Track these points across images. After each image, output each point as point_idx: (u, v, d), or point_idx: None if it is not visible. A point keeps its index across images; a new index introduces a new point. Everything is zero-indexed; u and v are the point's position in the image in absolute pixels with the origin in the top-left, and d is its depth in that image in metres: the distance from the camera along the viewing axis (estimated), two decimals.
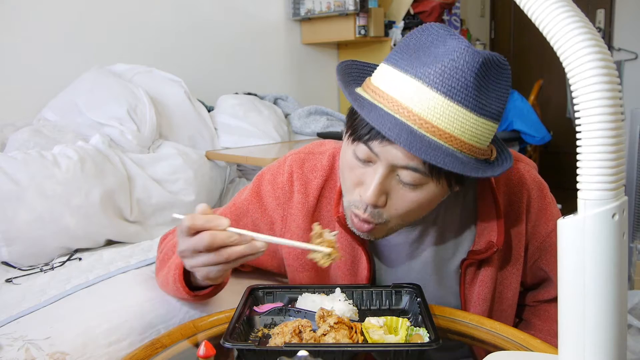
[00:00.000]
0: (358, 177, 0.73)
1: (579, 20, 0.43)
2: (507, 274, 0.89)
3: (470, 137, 0.68)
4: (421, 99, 0.66)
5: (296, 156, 0.92)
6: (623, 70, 3.82)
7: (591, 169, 0.44)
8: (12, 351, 0.81)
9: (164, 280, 0.88)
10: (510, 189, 0.87)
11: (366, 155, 0.71)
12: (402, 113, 0.67)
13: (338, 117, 2.35)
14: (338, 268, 0.90)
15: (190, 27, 2.55)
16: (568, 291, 0.47)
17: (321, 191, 0.89)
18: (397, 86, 0.68)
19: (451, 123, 0.66)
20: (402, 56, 0.70)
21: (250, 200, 0.93)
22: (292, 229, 0.90)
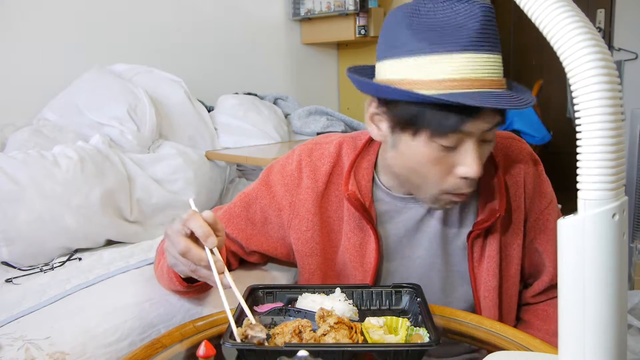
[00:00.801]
0: (449, 164, 0.77)
1: (579, 20, 0.43)
2: (510, 250, 0.92)
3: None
4: (481, 65, 0.71)
5: (304, 147, 0.96)
6: (623, 70, 3.81)
7: (591, 169, 0.44)
8: (12, 351, 0.81)
9: (160, 272, 0.89)
10: (509, 163, 0.91)
11: (457, 141, 0.75)
12: (478, 85, 0.71)
13: (338, 117, 2.34)
14: (346, 250, 0.91)
15: (190, 27, 2.55)
16: (568, 291, 0.47)
17: (329, 177, 0.92)
18: (458, 68, 0.70)
19: (499, 70, 0.74)
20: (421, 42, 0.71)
21: (259, 189, 0.96)
22: (302, 214, 0.92)
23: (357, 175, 0.90)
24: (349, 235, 0.90)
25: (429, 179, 0.79)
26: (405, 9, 0.74)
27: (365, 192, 0.90)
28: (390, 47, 0.75)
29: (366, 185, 0.90)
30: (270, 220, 0.95)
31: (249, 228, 0.96)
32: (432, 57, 0.71)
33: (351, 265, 0.91)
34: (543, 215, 0.93)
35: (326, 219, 0.92)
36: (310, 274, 0.94)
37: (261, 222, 0.96)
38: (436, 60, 0.71)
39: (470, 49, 0.70)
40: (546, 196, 0.93)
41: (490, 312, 0.90)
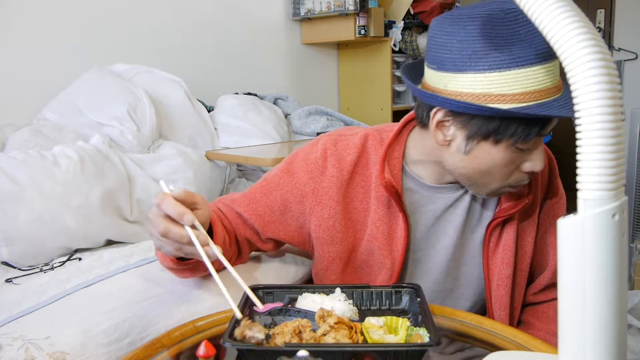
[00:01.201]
0: (514, 162, 0.81)
1: (579, 20, 0.43)
2: (524, 241, 0.95)
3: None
4: (552, 73, 0.75)
5: (329, 137, 0.97)
6: (623, 70, 3.81)
7: (591, 169, 0.43)
8: (12, 351, 0.81)
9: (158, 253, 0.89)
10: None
11: (534, 143, 0.79)
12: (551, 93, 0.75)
13: (338, 117, 2.34)
14: (374, 239, 0.92)
15: (190, 27, 2.55)
16: (568, 291, 0.47)
17: (354, 167, 0.93)
18: (539, 79, 0.74)
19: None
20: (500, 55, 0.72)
21: (281, 176, 0.96)
22: (324, 202, 0.93)
23: (390, 165, 0.92)
24: (377, 224, 0.92)
25: (497, 177, 0.83)
26: (478, 19, 0.73)
27: (397, 181, 0.92)
28: (463, 58, 0.74)
29: (397, 174, 0.92)
30: (291, 208, 0.96)
31: (267, 214, 0.96)
32: (515, 71, 0.72)
33: (379, 253, 0.92)
34: (554, 209, 0.97)
35: (351, 209, 0.93)
36: (329, 262, 0.94)
37: (280, 210, 0.96)
38: (518, 74, 0.73)
39: (547, 59, 0.73)
40: (558, 190, 0.97)
41: (502, 301, 0.91)
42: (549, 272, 0.98)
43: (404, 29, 3.03)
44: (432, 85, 0.80)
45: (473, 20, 0.73)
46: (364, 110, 3.14)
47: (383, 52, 2.99)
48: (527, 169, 0.81)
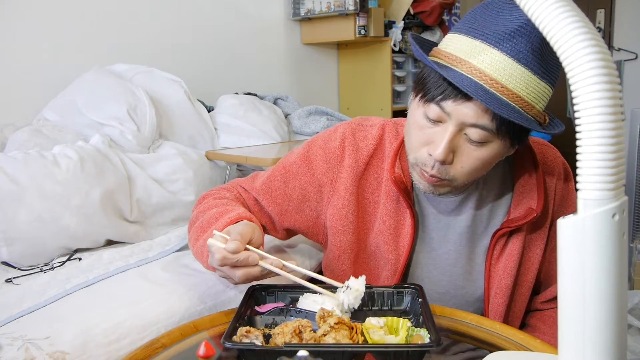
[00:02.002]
0: (427, 136, 0.79)
1: (579, 20, 0.43)
2: (531, 253, 0.92)
3: (533, 99, 0.75)
4: (491, 61, 0.72)
5: (347, 126, 0.97)
6: (623, 70, 3.81)
7: (591, 169, 0.44)
8: (12, 351, 0.81)
9: (198, 252, 0.90)
10: (545, 167, 0.92)
11: (437, 115, 0.77)
12: (475, 73, 0.73)
13: (338, 117, 2.34)
14: (380, 233, 0.93)
15: (190, 27, 2.55)
16: (568, 291, 0.47)
17: (370, 159, 0.94)
18: (466, 49, 0.74)
19: (518, 84, 0.73)
20: (471, 25, 0.76)
21: (300, 164, 0.96)
22: (340, 192, 0.93)
23: (402, 161, 0.92)
24: (385, 218, 0.92)
25: (410, 143, 0.83)
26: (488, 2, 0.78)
27: (408, 178, 0.92)
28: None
29: (408, 170, 0.92)
30: (309, 197, 0.96)
31: (286, 203, 0.97)
32: (462, 36, 0.76)
33: (385, 249, 0.92)
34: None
35: (362, 200, 0.94)
36: (340, 252, 0.95)
37: (299, 199, 0.96)
38: (461, 40, 0.75)
39: (491, 43, 0.72)
40: (574, 203, 0.94)
41: (497, 310, 0.91)
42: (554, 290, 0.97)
43: (404, 29, 3.03)
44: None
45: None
46: (364, 110, 3.14)
47: (383, 52, 2.99)
48: (428, 149, 0.79)
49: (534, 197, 0.88)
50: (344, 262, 0.95)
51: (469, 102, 0.73)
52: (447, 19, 3.51)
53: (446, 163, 0.78)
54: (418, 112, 0.80)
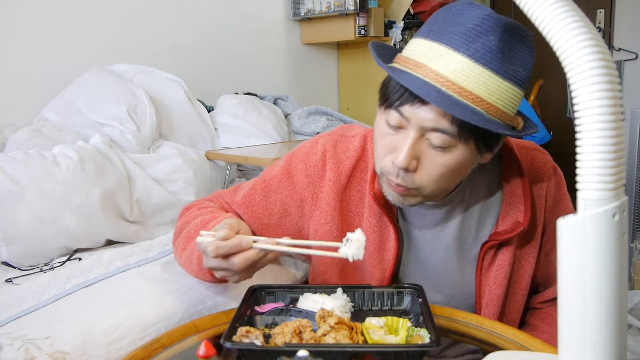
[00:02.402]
0: (390, 143, 0.77)
1: (579, 20, 0.43)
2: (523, 262, 0.91)
3: (497, 100, 0.71)
4: (448, 62, 0.70)
5: (329, 137, 0.95)
6: (623, 70, 3.81)
7: (591, 169, 0.43)
8: (12, 351, 0.81)
9: (187, 260, 0.88)
10: (533, 175, 0.90)
11: (397, 122, 0.75)
12: (430, 76, 0.71)
13: (338, 117, 2.34)
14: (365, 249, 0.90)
15: (190, 27, 2.55)
16: (568, 291, 0.47)
17: (352, 171, 0.92)
18: (424, 53, 0.72)
19: (477, 85, 0.70)
20: (429, 28, 0.74)
21: (281, 178, 0.94)
22: (322, 207, 0.91)
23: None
24: (368, 232, 0.90)
25: (377, 153, 0.81)
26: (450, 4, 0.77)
27: None
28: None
29: None
30: (290, 211, 0.95)
31: (267, 218, 0.95)
32: (422, 40, 0.74)
33: (369, 263, 0.90)
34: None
35: (346, 214, 0.92)
36: (326, 266, 0.94)
37: (280, 214, 0.95)
38: (420, 43, 0.74)
39: (448, 44, 0.70)
40: (567, 209, 0.92)
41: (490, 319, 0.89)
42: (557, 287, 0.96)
43: (404, 29, 3.03)
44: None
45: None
46: (364, 110, 3.14)
47: None
48: (392, 157, 0.76)
49: (521, 210, 0.85)
50: (330, 275, 0.94)
51: (427, 106, 0.71)
52: None
53: (410, 170, 0.75)
54: (381, 120, 0.79)
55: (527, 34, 0.74)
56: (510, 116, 0.74)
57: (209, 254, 0.74)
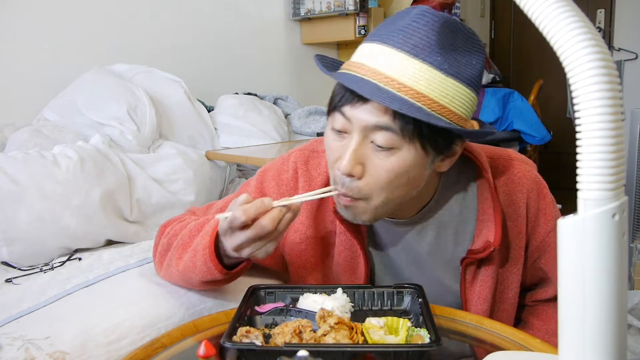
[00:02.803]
0: (337, 151, 0.75)
1: (579, 20, 0.43)
2: (507, 274, 0.89)
3: (440, 97, 0.69)
4: (386, 59, 0.69)
5: (300, 153, 0.93)
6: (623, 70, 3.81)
7: (591, 169, 0.43)
8: (12, 351, 0.81)
9: (189, 265, 0.84)
10: (511, 188, 0.87)
11: (341, 125, 0.73)
12: (369, 74, 0.70)
13: None
14: (338, 265, 0.90)
15: (190, 27, 2.55)
16: (568, 291, 0.47)
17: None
18: (365, 54, 0.73)
19: (417, 80, 0.68)
20: (373, 33, 0.75)
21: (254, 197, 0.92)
22: (296, 226, 0.91)
23: None
24: (340, 249, 0.89)
25: (328, 162, 0.79)
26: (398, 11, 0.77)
27: None
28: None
29: None
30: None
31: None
32: (365, 44, 0.75)
33: (344, 280, 0.90)
34: (548, 238, 0.88)
35: (321, 230, 0.91)
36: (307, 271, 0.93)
37: None
38: (362, 47, 0.75)
39: (385, 42, 0.70)
40: (552, 219, 0.88)
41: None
42: (551, 290, 0.93)
43: None
44: None
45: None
46: None
47: None
48: (337, 165, 0.74)
49: (492, 229, 0.82)
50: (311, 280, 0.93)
51: (367, 104, 0.70)
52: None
53: (355, 176, 0.72)
54: (327, 129, 0.77)
55: (471, 31, 0.73)
56: (459, 116, 0.71)
57: (238, 219, 0.69)
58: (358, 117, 0.71)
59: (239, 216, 0.69)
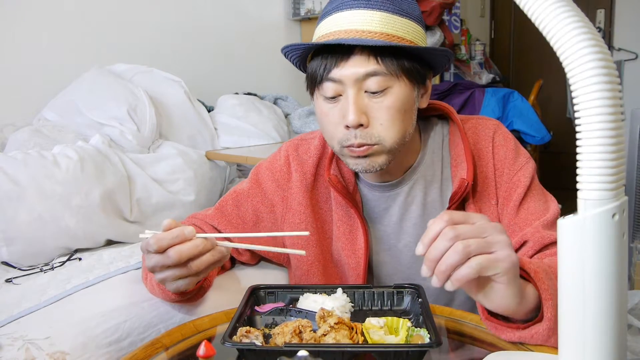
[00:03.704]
0: (335, 115, 0.81)
1: (579, 20, 0.43)
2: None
3: (405, 34, 0.79)
4: (352, 20, 0.78)
5: (289, 143, 1.00)
6: (623, 70, 3.81)
7: (591, 169, 0.44)
8: (12, 351, 0.81)
9: (150, 286, 0.89)
10: (477, 136, 0.92)
11: (333, 90, 0.80)
12: (343, 35, 0.78)
13: None
14: (338, 239, 0.93)
15: (190, 27, 2.55)
16: (568, 291, 0.47)
17: (316, 169, 0.95)
18: (330, 24, 0.80)
19: (383, 26, 0.77)
20: (322, 13, 0.84)
21: (250, 187, 0.98)
22: (294, 207, 0.94)
23: (339, 162, 0.93)
24: (338, 224, 0.93)
25: (328, 134, 0.84)
26: None
27: (349, 178, 0.92)
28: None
29: (349, 172, 0.93)
30: (262, 217, 0.97)
31: (241, 226, 0.97)
32: (321, 24, 0.82)
33: (344, 254, 0.93)
34: (517, 177, 0.89)
35: (317, 211, 0.95)
36: (308, 266, 0.94)
37: (253, 221, 0.97)
38: (321, 26, 0.82)
39: (341, 9, 0.79)
40: (518, 156, 0.91)
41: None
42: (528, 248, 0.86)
43: None
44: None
45: None
46: None
47: None
48: (343, 122, 0.80)
49: (464, 167, 0.87)
50: (313, 275, 0.95)
51: (350, 60, 0.77)
52: (447, 19, 3.51)
53: (364, 126, 0.79)
54: (319, 102, 0.83)
55: None
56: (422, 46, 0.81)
57: (151, 245, 0.69)
58: (347, 73, 0.78)
59: (151, 243, 0.69)
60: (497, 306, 0.66)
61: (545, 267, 0.71)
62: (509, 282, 0.63)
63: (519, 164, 0.91)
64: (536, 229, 0.84)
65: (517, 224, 0.88)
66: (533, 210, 0.87)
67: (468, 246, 0.60)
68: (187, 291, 0.83)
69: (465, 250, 0.60)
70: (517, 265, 0.64)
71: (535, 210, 0.87)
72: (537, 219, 0.86)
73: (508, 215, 0.89)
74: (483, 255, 0.61)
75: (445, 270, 0.60)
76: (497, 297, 0.65)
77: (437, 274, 0.61)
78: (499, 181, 0.91)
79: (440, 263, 0.61)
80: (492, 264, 0.61)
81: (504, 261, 0.61)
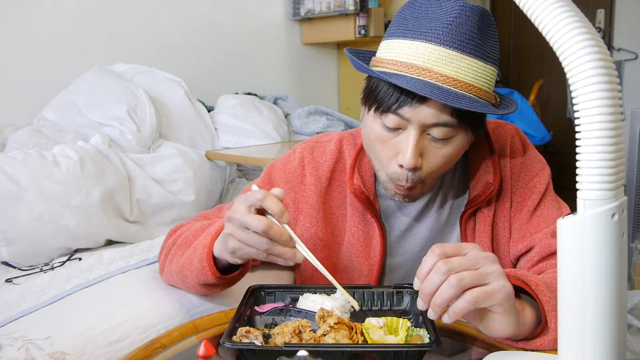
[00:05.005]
0: (392, 147, 0.79)
1: (579, 20, 0.43)
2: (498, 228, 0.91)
3: (482, 84, 0.75)
4: (437, 58, 0.73)
5: (305, 145, 0.97)
6: (623, 70, 3.81)
7: (591, 169, 0.44)
8: (12, 351, 0.81)
9: (186, 261, 0.84)
10: (495, 133, 0.93)
11: (396, 124, 0.76)
12: (426, 74, 0.73)
13: (338, 117, 2.34)
14: (351, 246, 0.92)
15: (190, 27, 2.55)
16: (568, 291, 0.47)
17: (332, 174, 0.93)
18: (411, 53, 0.74)
19: (467, 73, 0.74)
20: (405, 27, 0.76)
21: (262, 186, 0.95)
22: (306, 211, 0.93)
23: (361, 171, 0.92)
24: (353, 230, 0.91)
25: (379, 159, 0.82)
26: (409, 1, 0.79)
27: (369, 186, 0.91)
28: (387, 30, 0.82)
29: (369, 180, 0.91)
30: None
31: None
32: (400, 41, 0.76)
33: (357, 261, 0.91)
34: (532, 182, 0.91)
35: (329, 216, 0.93)
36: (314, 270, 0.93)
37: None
38: (400, 45, 0.76)
39: (432, 41, 0.73)
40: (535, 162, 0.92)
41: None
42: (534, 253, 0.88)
43: None
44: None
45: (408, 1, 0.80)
46: None
47: None
48: (398, 160, 0.78)
49: (490, 172, 0.88)
50: (319, 279, 0.94)
51: (426, 104, 0.73)
52: None
53: (417, 169, 0.78)
54: (376, 125, 0.79)
55: (489, 14, 0.78)
56: (492, 94, 0.78)
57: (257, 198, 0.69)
58: (417, 116, 0.74)
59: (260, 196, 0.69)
60: (497, 334, 0.68)
61: (545, 281, 0.73)
62: (505, 312, 0.64)
63: (535, 169, 0.92)
64: (545, 236, 0.85)
65: (529, 230, 0.89)
66: (546, 217, 0.88)
67: (462, 279, 0.61)
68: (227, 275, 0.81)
69: (460, 284, 0.60)
70: (513, 295, 0.64)
71: (547, 217, 0.88)
72: (548, 226, 0.86)
73: (520, 220, 0.90)
74: (478, 287, 0.62)
75: (441, 304, 0.62)
76: (495, 326, 0.66)
77: (432, 307, 0.62)
78: (514, 185, 0.92)
79: (436, 297, 0.62)
80: (487, 296, 0.62)
81: (499, 292, 0.62)
